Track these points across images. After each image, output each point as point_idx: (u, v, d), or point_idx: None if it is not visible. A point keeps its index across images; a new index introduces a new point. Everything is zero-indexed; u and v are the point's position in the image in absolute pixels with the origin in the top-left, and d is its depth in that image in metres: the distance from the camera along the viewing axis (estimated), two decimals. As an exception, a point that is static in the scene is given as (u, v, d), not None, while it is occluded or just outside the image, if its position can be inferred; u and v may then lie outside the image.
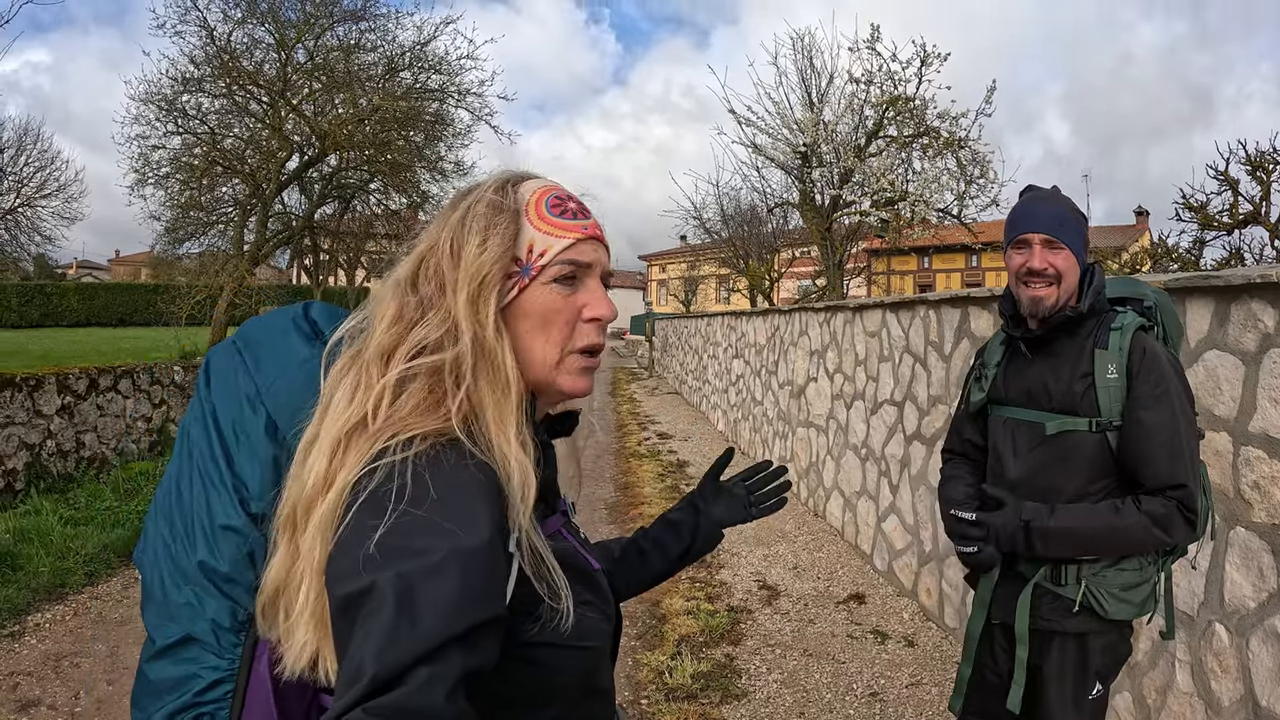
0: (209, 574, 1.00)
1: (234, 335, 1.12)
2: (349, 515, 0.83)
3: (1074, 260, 2.08)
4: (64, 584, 5.44)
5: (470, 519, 0.82)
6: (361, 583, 0.77)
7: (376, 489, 0.83)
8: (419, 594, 0.76)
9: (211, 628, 0.99)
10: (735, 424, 11.84)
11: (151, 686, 1.01)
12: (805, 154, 13.06)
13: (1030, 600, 2.12)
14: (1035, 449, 2.13)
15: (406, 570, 0.77)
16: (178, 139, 15.51)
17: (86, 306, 30.54)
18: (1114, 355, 2.03)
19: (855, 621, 4.98)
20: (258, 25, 14.97)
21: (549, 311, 0.98)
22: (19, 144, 32.95)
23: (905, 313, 5.72)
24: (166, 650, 1.00)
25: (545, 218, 1.00)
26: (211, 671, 0.99)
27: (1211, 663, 2.79)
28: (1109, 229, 36.46)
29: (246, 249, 15.64)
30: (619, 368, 29.56)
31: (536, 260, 0.98)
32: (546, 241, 0.99)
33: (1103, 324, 2.08)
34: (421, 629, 0.75)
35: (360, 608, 0.77)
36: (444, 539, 0.79)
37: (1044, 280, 2.07)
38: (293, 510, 0.91)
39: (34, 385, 7.58)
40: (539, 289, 0.98)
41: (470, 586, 0.79)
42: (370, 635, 0.75)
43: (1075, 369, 2.08)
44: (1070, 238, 2.08)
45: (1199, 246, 12.71)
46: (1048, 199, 2.17)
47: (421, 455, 0.85)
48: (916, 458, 5.35)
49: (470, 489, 0.85)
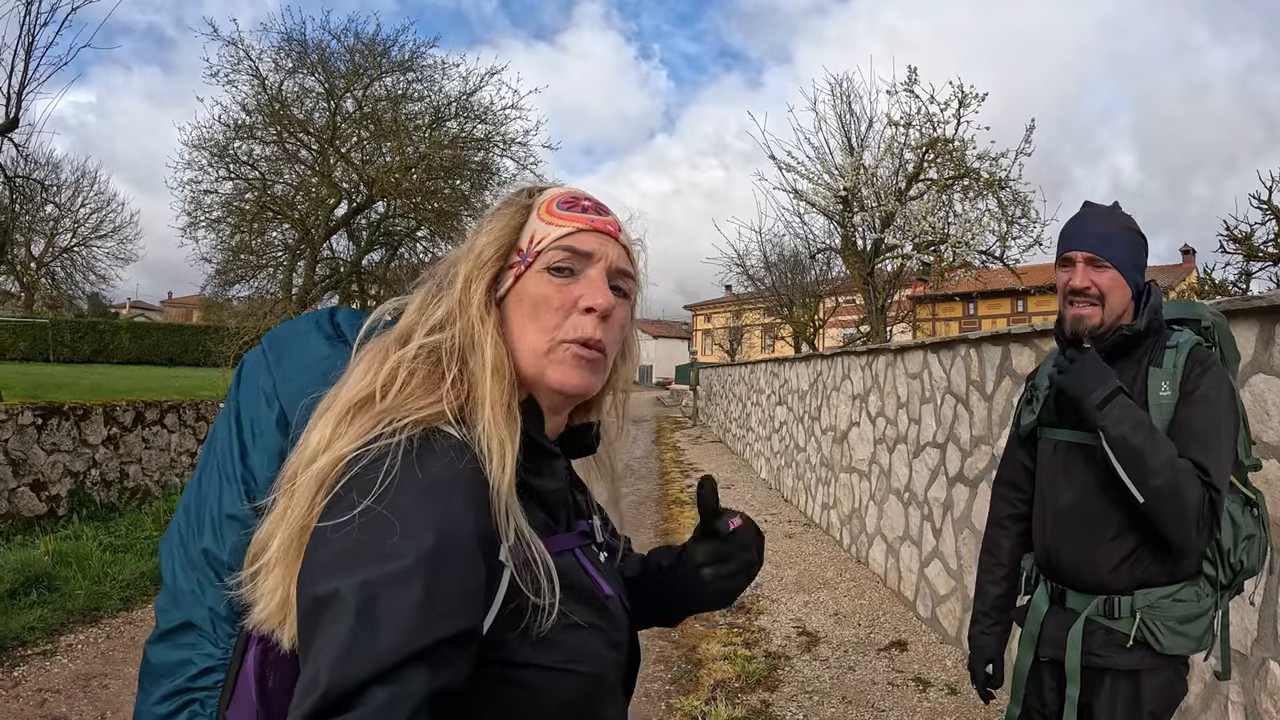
0: (211, 561, 1.01)
1: (264, 337, 1.15)
2: (333, 492, 0.81)
3: (1121, 280, 2.00)
4: (99, 607, 5.50)
5: (448, 520, 0.79)
6: (328, 586, 0.74)
7: (363, 473, 0.81)
8: (382, 604, 0.72)
9: (209, 615, 1.00)
10: (778, 471, 11.70)
11: (151, 668, 1.02)
12: (846, 198, 13.04)
13: (1081, 635, 2.01)
14: (1085, 471, 2.04)
15: (373, 577, 0.73)
16: (229, 184, 15.94)
17: (138, 345, 31.23)
18: (1168, 373, 1.95)
19: (897, 669, 4.81)
20: (308, 75, 15.43)
21: (539, 299, 0.97)
22: (76, 184, 34.30)
23: (946, 353, 5.62)
24: (167, 634, 1.02)
25: (553, 211, 1.01)
26: (205, 659, 0.99)
27: (1267, 703, 2.62)
28: (1154, 269, 35.74)
29: (295, 292, 15.93)
30: (664, 416, 29.55)
31: (533, 247, 0.99)
32: (545, 230, 0.99)
33: (1159, 343, 2.00)
34: (381, 643, 0.71)
35: (323, 613, 0.73)
36: (416, 542, 0.76)
37: (1086, 300, 2.00)
38: (292, 474, 0.89)
39: (81, 415, 7.73)
40: (532, 276, 0.98)
41: (440, 597, 0.75)
42: (329, 644, 0.71)
43: (1130, 387, 1.98)
44: (1118, 256, 2.00)
45: (1245, 278, 12.39)
46: (1097, 216, 2.09)
47: (414, 442, 0.83)
48: (960, 500, 5.20)
49: (456, 486, 0.82)
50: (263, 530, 0.91)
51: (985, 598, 2.34)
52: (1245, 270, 12.19)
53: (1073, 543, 2.06)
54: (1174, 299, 2.53)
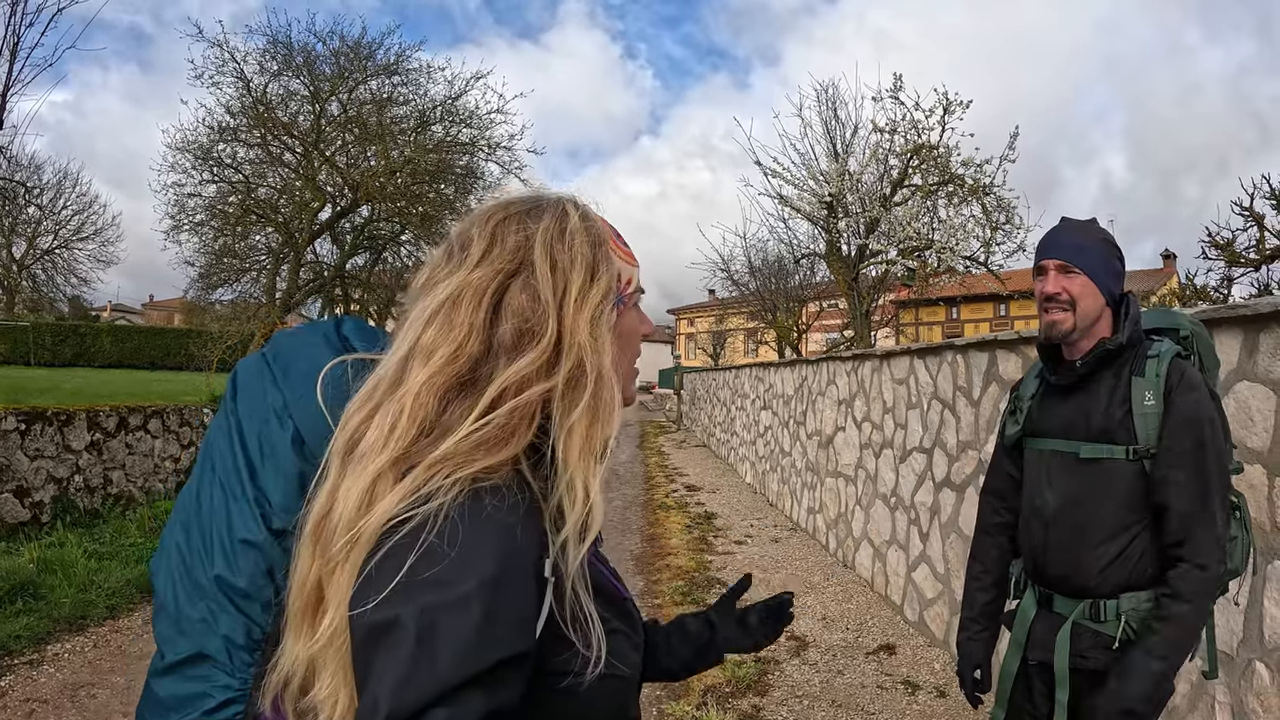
0: (225, 589, 0.97)
1: (264, 347, 1.10)
2: (383, 546, 0.79)
3: (1092, 287, 2.06)
4: (85, 616, 5.46)
5: (504, 549, 0.79)
6: (385, 614, 0.75)
7: (417, 524, 0.78)
8: (441, 629, 0.74)
9: (225, 645, 0.96)
10: (763, 475, 11.73)
11: (158, 702, 0.98)
12: (831, 204, 13.11)
13: (1069, 638, 2.05)
14: (1071, 478, 2.08)
15: (431, 603, 0.75)
16: (213, 187, 15.87)
17: (119, 348, 30.89)
18: (1151, 382, 1.99)
19: (885, 672, 4.84)
20: (293, 78, 15.38)
21: (633, 334, 1.04)
22: (58, 186, 33.99)
23: (933, 359, 5.67)
24: (176, 666, 0.97)
25: (620, 248, 1.04)
26: (223, 691, 0.96)
27: (1253, 703, 2.67)
28: (1135, 274, 36.12)
29: (278, 297, 15.85)
30: (647, 421, 29.46)
31: (625, 288, 1.02)
32: (629, 270, 1.04)
33: (1139, 353, 2.05)
34: (441, 667, 0.72)
35: (381, 640, 0.74)
36: (472, 571, 0.76)
37: (1058, 305, 2.07)
38: (319, 524, 0.86)
39: (64, 420, 7.67)
40: (631, 313, 1.04)
41: (497, 622, 0.76)
42: (388, 671, 0.73)
43: (1113, 397, 2.03)
44: (1089, 264, 2.07)
45: (1227, 284, 12.55)
46: (1071, 228, 2.16)
47: (469, 491, 0.81)
48: (947, 505, 5.25)
49: (510, 521, 0.81)
50: (295, 581, 0.88)
51: (973, 604, 2.38)
52: (1227, 276, 12.34)
53: (1059, 548, 2.10)
54: (1155, 304, 2.58)
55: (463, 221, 1.01)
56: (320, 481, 0.89)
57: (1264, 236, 12.14)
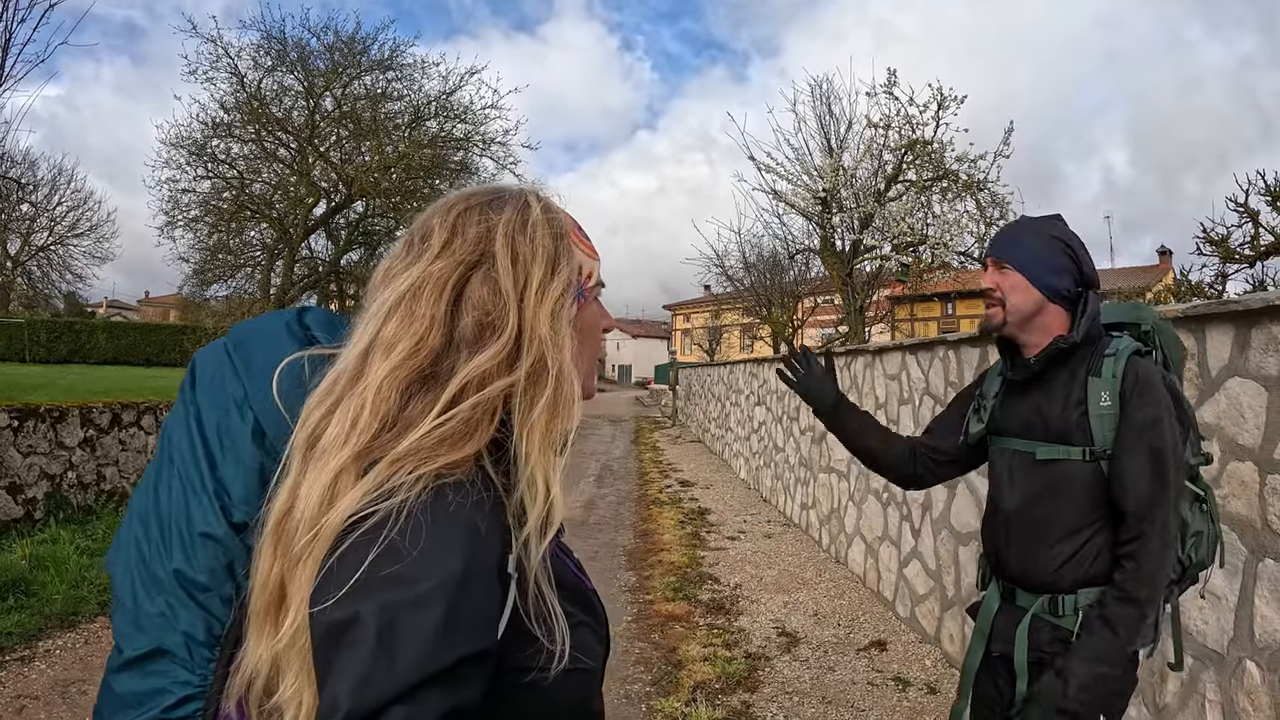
0: (184, 583, 0.94)
1: (224, 337, 1.07)
2: (344, 542, 0.78)
3: (1024, 283, 2.09)
4: (77, 612, 5.46)
5: (467, 546, 0.79)
6: (345, 612, 0.74)
7: (378, 520, 0.78)
8: (401, 627, 0.73)
9: (184, 640, 0.94)
10: (757, 471, 11.75)
11: (116, 699, 0.96)
12: (825, 200, 13.11)
13: (1028, 631, 2.07)
14: (1030, 477, 2.11)
15: (391, 601, 0.74)
16: (207, 183, 15.86)
17: (114, 345, 30.81)
18: (1107, 382, 2.00)
19: (876, 669, 4.86)
20: (287, 73, 15.37)
21: (593, 328, 1.04)
22: (53, 182, 33.92)
23: (925, 354, 5.68)
24: (134, 662, 0.95)
25: (581, 240, 1.04)
26: (182, 687, 0.93)
27: (1243, 702, 2.68)
28: (1131, 270, 36.11)
29: (273, 292, 15.85)
30: (642, 416, 29.44)
31: (586, 281, 1.03)
32: (590, 264, 1.04)
33: (1096, 351, 2.06)
34: (400, 665, 0.72)
35: (341, 638, 0.74)
36: (435, 568, 0.76)
37: (992, 300, 2.14)
38: (280, 521, 0.85)
39: (57, 417, 7.66)
40: (592, 307, 1.04)
41: (458, 620, 0.75)
42: (348, 669, 0.72)
43: (1069, 397, 2.05)
44: (1019, 260, 2.10)
45: (1221, 280, 12.51)
46: (1013, 225, 2.22)
47: (432, 488, 0.80)
48: (938, 501, 5.26)
49: (474, 518, 0.81)
50: (258, 579, 0.88)
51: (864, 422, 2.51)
52: (1222, 272, 12.32)
53: (1019, 545, 2.12)
54: (1150, 300, 2.60)
55: (423, 213, 0.99)
56: (281, 478, 0.88)
57: (1259, 232, 12.12)
